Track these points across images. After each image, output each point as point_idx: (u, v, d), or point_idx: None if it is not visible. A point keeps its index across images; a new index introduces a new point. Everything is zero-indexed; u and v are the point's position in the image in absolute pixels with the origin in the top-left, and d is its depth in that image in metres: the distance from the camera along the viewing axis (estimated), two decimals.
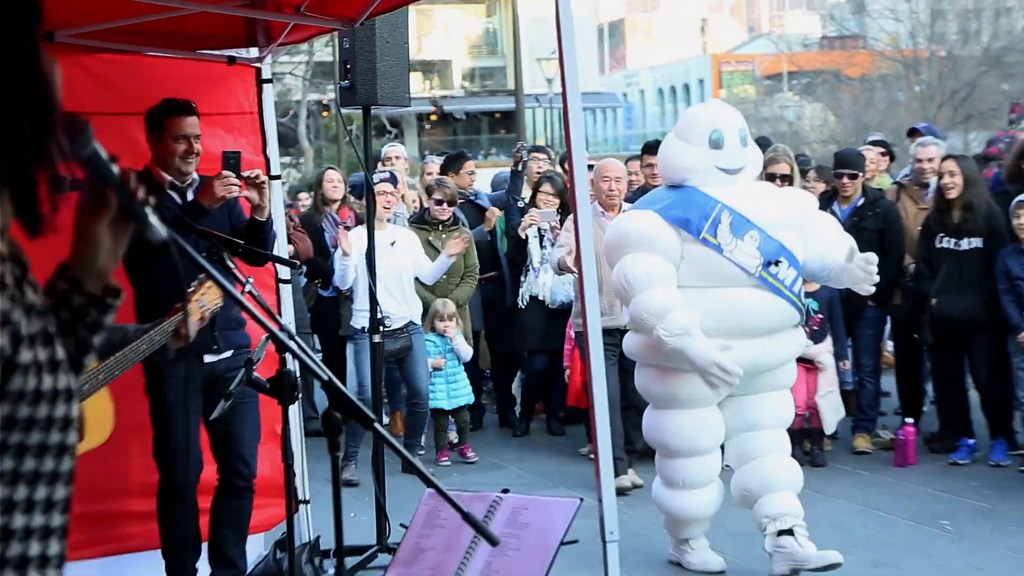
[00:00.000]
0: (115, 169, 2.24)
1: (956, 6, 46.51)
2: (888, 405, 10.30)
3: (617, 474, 7.87)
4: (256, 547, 7.03)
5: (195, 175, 5.98)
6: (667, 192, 6.84)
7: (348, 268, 9.03)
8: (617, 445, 8.13)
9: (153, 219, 2.28)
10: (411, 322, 9.35)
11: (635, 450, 8.68)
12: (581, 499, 4.09)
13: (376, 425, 3.28)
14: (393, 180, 9.87)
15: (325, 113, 40.06)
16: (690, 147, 6.69)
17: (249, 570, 6.80)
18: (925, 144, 10.61)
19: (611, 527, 4.07)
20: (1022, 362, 8.99)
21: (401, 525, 4.53)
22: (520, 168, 11.54)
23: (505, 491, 4.21)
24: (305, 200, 13.79)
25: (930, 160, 10.20)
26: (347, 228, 10.20)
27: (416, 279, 9.57)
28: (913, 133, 12.25)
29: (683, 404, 6.68)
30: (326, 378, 3.35)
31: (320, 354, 10.32)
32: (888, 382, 10.22)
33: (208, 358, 6.03)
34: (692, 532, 6.98)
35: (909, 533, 7.68)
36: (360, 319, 8.91)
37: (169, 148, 5.82)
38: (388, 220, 9.44)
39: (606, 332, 7.91)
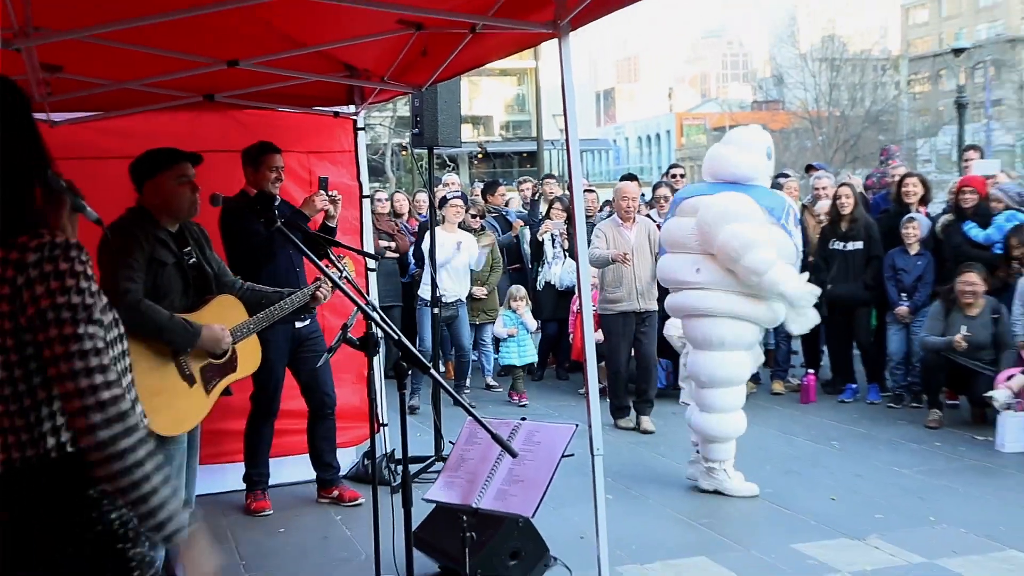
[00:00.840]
0: (62, 183, 2.26)
1: (847, 80, 46.20)
2: (796, 360, 10.20)
3: (623, 416, 8.50)
4: (349, 457, 7.04)
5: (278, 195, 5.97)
6: (735, 186, 6.35)
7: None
8: (623, 396, 8.51)
9: (87, 207, 2.32)
10: (459, 299, 9.32)
11: (649, 400, 8.43)
12: (576, 425, 4.06)
13: (432, 371, 3.26)
14: (463, 198, 9.88)
15: (404, 152, 40.03)
16: (753, 156, 6.40)
17: (344, 472, 6.82)
18: (820, 177, 10.53)
19: (597, 445, 4.02)
20: (896, 330, 8.91)
21: (450, 442, 4.49)
22: (536, 199, 11.70)
23: (523, 419, 4.17)
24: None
25: (824, 188, 10.11)
26: (413, 234, 10.26)
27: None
28: (809, 169, 12.09)
29: (728, 347, 6.36)
30: (396, 337, 3.32)
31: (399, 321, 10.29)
32: (796, 343, 10.13)
33: (298, 324, 6.04)
34: (727, 453, 6.49)
35: (810, 451, 7.59)
36: (424, 292, 8.85)
37: (264, 176, 5.82)
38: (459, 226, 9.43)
39: (624, 314, 8.31)
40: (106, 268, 4.13)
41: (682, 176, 11.73)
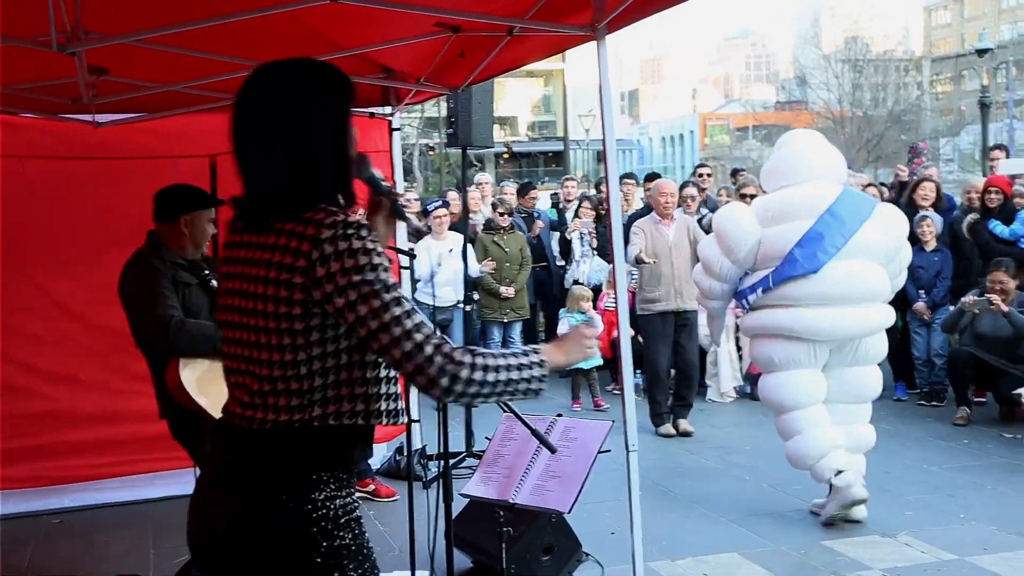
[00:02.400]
0: (385, 184, 2.42)
1: (870, 81, 45.93)
2: None
3: (663, 423, 8.07)
4: (381, 452, 7.06)
5: None
6: None
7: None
8: (662, 402, 8.13)
9: (409, 215, 2.44)
10: (457, 303, 8.92)
11: (688, 404, 8.15)
12: (612, 421, 4.04)
13: None
14: (445, 204, 9.80)
15: (431, 152, 40.06)
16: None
17: (377, 468, 6.84)
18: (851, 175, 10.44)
19: (632, 441, 3.99)
20: (918, 327, 8.84)
21: (486, 438, 4.49)
22: (562, 206, 11.62)
23: (559, 415, 4.16)
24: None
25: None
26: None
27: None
28: None
29: (782, 366, 5.71)
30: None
31: None
32: None
33: None
34: (832, 463, 5.64)
35: None
36: (424, 297, 8.77)
37: None
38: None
39: (663, 314, 8.02)
40: (144, 298, 4.14)
41: (709, 175, 11.68)
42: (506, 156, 47.52)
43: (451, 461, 6.71)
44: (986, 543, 5.31)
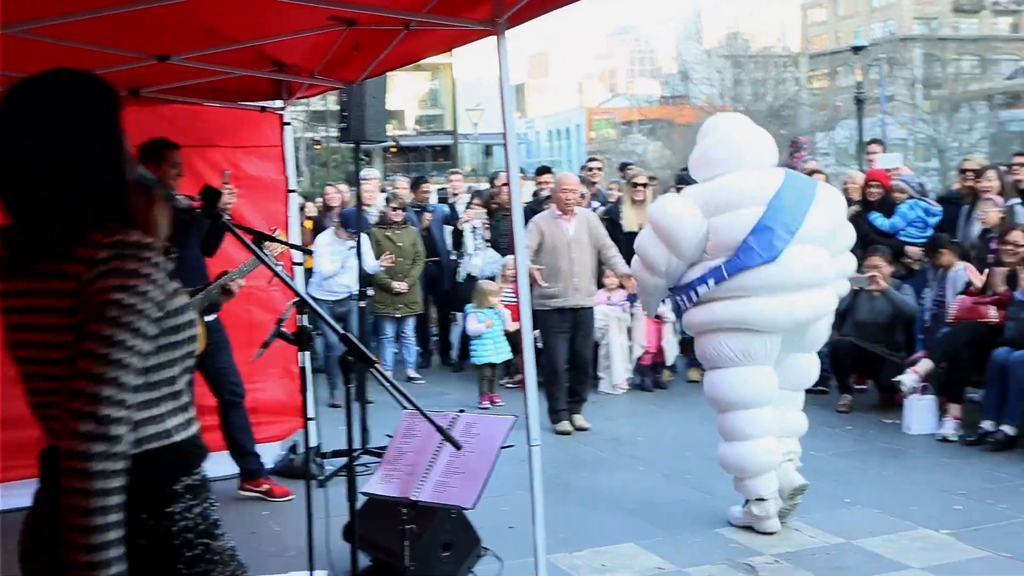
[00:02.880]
0: (152, 177, 2.37)
1: (750, 76, 46.99)
2: None
3: (561, 420, 7.96)
4: (275, 451, 6.96)
5: None
6: None
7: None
8: (560, 398, 8.01)
9: (179, 197, 2.41)
10: (351, 294, 8.86)
11: (582, 399, 8.14)
12: (515, 416, 4.06)
13: (377, 365, 3.22)
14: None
15: (317, 147, 39.58)
16: None
17: (271, 467, 6.74)
18: None
19: (535, 436, 4.02)
20: None
21: (387, 435, 4.46)
22: (450, 200, 11.64)
23: (461, 411, 4.16)
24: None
25: None
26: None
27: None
28: None
29: (734, 361, 5.41)
30: (343, 332, 3.28)
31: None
32: None
33: (207, 318, 5.91)
34: (762, 489, 5.43)
35: None
36: (319, 293, 8.90)
37: (165, 172, 5.46)
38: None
39: (559, 311, 7.89)
40: None
41: (599, 169, 11.83)
42: (393, 150, 47.26)
43: (346, 459, 6.72)
44: (871, 526, 5.50)
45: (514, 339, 9.17)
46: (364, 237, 9.15)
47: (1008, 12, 77.09)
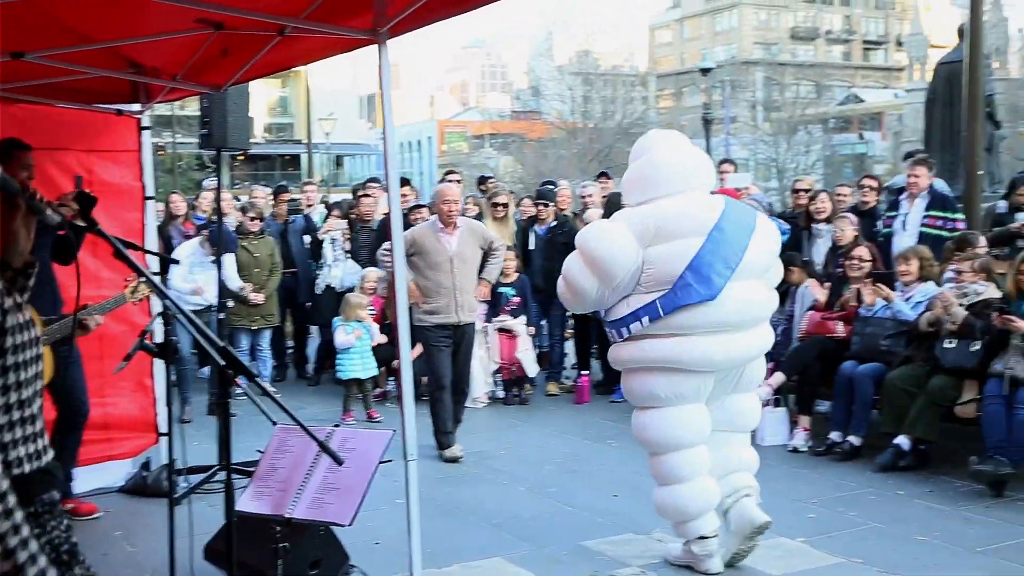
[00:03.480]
0: (16, 184, 2.22)
1: (600, 94, 47.90)
2: (568, 361, 10.49)
3: (448, 446, 7.48)
4: (126, 468, 6.72)
5: None
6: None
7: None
8: (448, 421, 7.54)
9: (48, 210, 2.29)
10: (211, 306, 8.45)
11: (458, 420, 7.75)
12: (393, 431, 4.02)
13: (257, 379, 3.15)
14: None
15: (161, 153, 38.44)
16: None
17: (121, 485, 6.50)
18: (586, 186, 10.76)
19: (411, 450, 4.00)
20: None
21: (258, 451, 4.35)
22: (306, 212, 11.31)
23: (336, 426, 4.09)
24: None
25: (590, 196, 10.33)
26: (188, 237, 9.84)
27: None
28: (602, 175, 12.46)
29: (665, 401, 5.04)
30: (222, 345, 3.19)
31: None
32: (569, 346, 10.43)
33: None
34: (702, 528, 5.10)
35: (588, 450, 7.79)
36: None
37: (16, 174, 5.03)
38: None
39: (441, 327, 7.49)
40: None
41: (459, 182, 11.84)
42: (241, 158, 46.27)
43: (205, 475, 6.53)
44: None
45: (381, 354, 9.07)
46: (229, 255, 8.96)
47: (840, 41, 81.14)
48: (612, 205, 9.53)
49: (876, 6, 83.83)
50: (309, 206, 11.55)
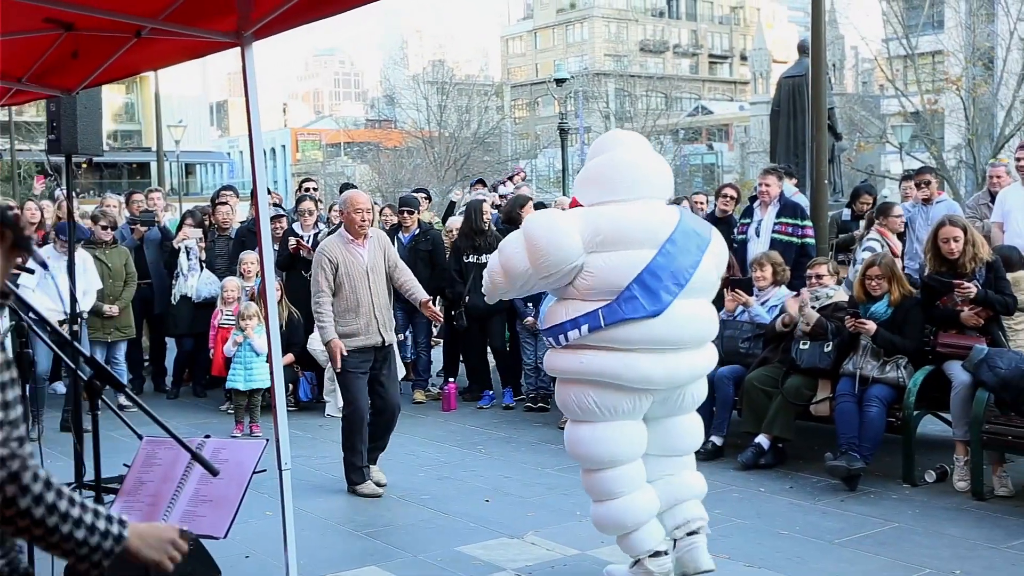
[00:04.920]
0: (9, 214, 2.14)
1: (455, 104, 48.04)
2: (435, 369, 10.48)
3: (363, 481, 6.76)
4: None
5: None
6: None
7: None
8: (363, 453, 6.84)
9: (35, 247, 2.22)
10: (61, 322, 8.14)
11: (381, 447, 7.02)
12: (267, 440, 3.93)
13: (127, 389, 3.03)
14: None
15: None
16: None
17: None
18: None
19: (286, 460, 3.92)
20: (527, 337, 9.32)
21: (124, 465, 4.18)
22: (157, 220, 10.84)
23: (207, 436, 3.97)
24: None
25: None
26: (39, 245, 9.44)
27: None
28: (479, 183, 12.51)
29: (600, 417, 4.80)
30: (88, 355, 3.06)
31: None
32: (436, 353, 10.40)
33: None
34: (647, 541, 4.88)
35: (458, 456, 7.79)
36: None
37: None
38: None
39: (361, 350, 6.68)
40: None
41: (315, 189, 11.71)
42: (85, 165, 44.59)
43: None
44: (602, 537, 5.67)
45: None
46: (81, 253, 8.57)
47: (688, 55, 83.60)
48: (471, 211, 9.61)
49: (721, 21, 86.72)
50: (162, 213, 11.20)
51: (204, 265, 10.28)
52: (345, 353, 6.61)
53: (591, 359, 4.71)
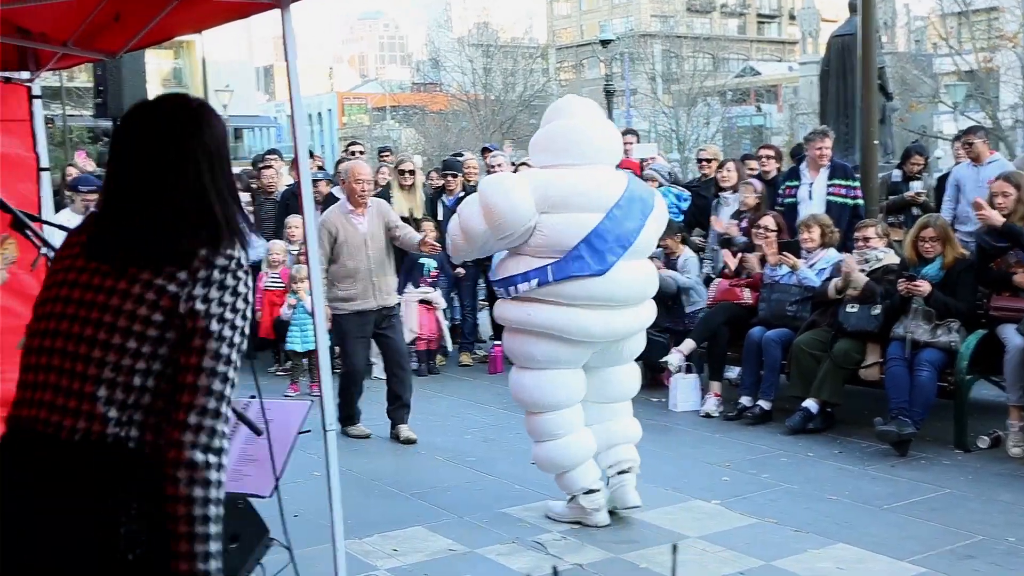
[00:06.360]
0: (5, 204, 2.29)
1: (500, 66, 47.81)
2: (483, 332, 10.47)
3: (354, 423, 7.32)
4: None
5: None
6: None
7: None
8: (355, 401, 7.37)
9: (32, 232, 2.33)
10: None
11: (406, 404, 7.34)
12: (311, 401, 3.94)
13: None
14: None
15: (50, 125, 37.21)
16: None
17: None
18: (495, 156, 10.76)
19: (330, 421, 3.93)
20: None
21: None
22: None
23: (253, 397, 3.98)
24: None
25: (499, 165, 10.30)
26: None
27: None
28: (485, 151, 12.43)
29: (542, 364, 5.25)
30: None
31: None
32: (482, 316, 10.40)
33: None
34: (582, 479, 5.33)
35: (504, 418, 7.75)
36: None
37: None
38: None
39: (359, 313, 7.12)
40: None
41: (361, 153, 11.70)
42: None
43: None
44: (647, 499, 5.66)
45: None
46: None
47: (735, 15, 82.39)
48: None
49: None
50: None
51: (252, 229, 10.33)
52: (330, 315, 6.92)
53: (537, 311, 5.14)
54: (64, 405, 2.00)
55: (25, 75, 6.24)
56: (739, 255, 8.20)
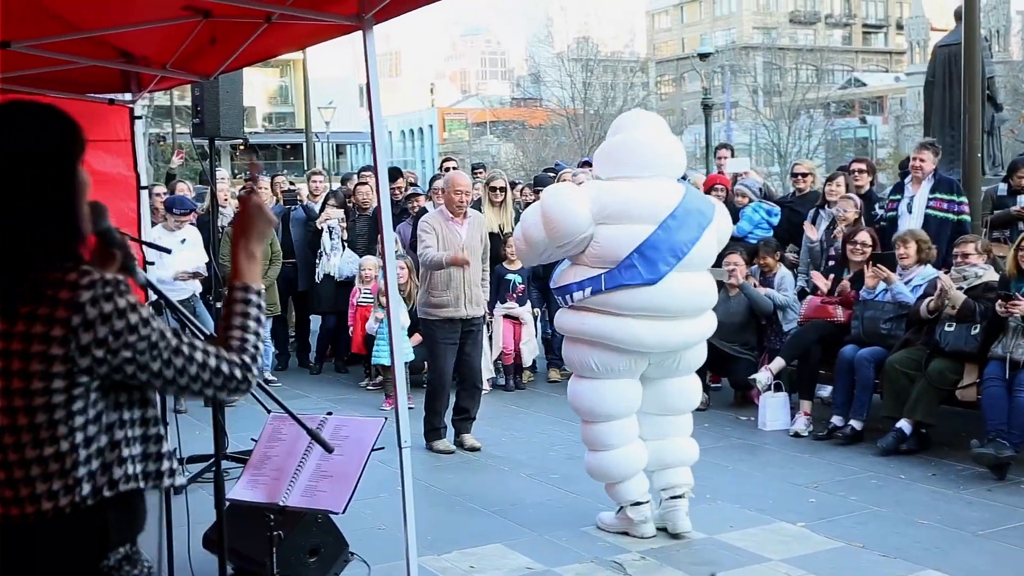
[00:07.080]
0: (119, 236, 2.32)
1: (600, 81, 47.80)
2: None
3: (440, 438, 7.33)
4: None
5: None
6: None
7: None
8: (442, 414, 7.39)
9: (137, 269, 2.37)
10: (193, 295, 8.63)
11: (471, 417, 7.46)
12: (385, 418, 3.98)
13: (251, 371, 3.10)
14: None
15: (161, 144, 38.43)
16: None
17: None
18: (575, 174, 10.67)
19: (405, 437, 3.97)
20: None
21: (252, 439, 4.32)
22: (306, 203, 11.08)
23: (329, 413, 4.05)
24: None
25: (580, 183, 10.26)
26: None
27: None
28: (585, 164, 12.43)
29: (598, 374, 5.33)
30: (208, 334, 3.14)
31: None
32: None
33: None
34: (631, 492, 5.41)
35: None
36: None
37: None
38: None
39: (448, 321, 7.21)
40: None
41: (455, 168, 11.80)
42: (242, 148, 46.21)
43: (203, 465, 6.50)
44: (731, 520, 5.62)
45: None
46: (191, 230, 8.76)
47: (840, 25, 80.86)
48: None
49: None
50: (315, 196, 11.39)
51: (346, 244, 10.50)
52: (468, 263, 7.10)
53: (591, 321, 5.27)
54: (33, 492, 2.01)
55: (127, 96, 6.50)
56: (831, 277, 8.03)
